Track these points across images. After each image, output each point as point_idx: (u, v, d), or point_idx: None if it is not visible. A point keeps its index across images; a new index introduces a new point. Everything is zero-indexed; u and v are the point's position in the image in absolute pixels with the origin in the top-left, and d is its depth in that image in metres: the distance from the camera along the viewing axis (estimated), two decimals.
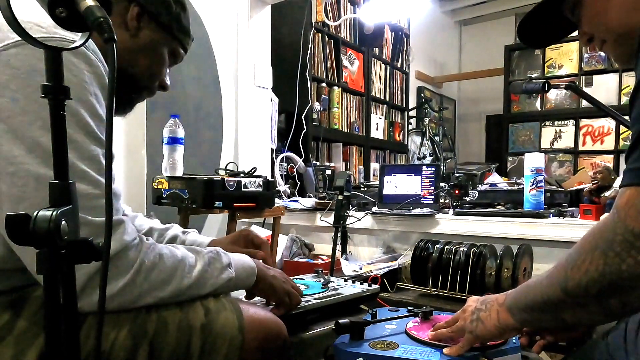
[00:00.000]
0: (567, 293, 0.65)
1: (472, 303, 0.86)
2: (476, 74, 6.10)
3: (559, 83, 2.02)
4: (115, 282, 0.74)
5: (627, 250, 0.57)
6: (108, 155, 0.52)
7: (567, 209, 1.90)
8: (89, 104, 0.73)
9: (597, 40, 0.81)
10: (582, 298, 0.63)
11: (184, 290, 0.83)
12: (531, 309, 0.73)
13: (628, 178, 0.60)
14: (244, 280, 0.95)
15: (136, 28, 0.93)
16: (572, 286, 0.64)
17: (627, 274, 0.58)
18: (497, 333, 0.79)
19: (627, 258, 0.57)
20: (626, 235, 0.58)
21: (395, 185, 2.21)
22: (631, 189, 0.59)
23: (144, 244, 0.79)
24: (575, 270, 0.63)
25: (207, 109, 2.53)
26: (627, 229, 0.58)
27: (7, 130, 0.68)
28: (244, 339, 0.84)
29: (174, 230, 1.18)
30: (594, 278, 0.61)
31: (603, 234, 0.61)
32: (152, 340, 0.79)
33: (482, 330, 0.80)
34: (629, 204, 0.59)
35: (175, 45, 1.00)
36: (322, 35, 3.59)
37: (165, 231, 1.17)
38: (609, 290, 0.60)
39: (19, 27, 0.48)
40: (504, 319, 0.77)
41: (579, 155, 4.94)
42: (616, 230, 0.59)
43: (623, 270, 0.58)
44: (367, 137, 4.19)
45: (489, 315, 0.80)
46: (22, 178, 0.68)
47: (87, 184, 0.72)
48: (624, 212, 0.59)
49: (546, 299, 0.69)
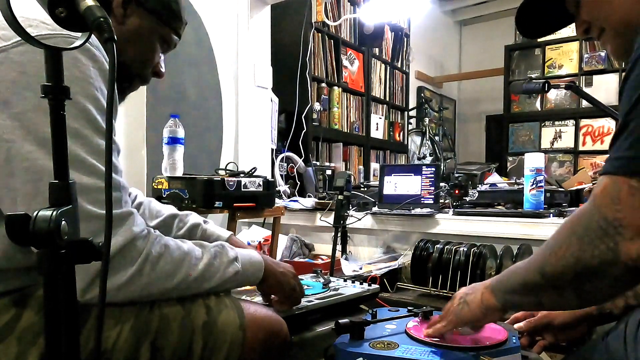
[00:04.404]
0: (545, 277, 0.67)
1: (463, 290, 0.89)
2: (476, 74, 6.10)
3: (559, 83, 2.02)
4: (123, 272, 0.74)
5: (601, 237, 0.59)
6: (108, 153, 0.52)
7: (567, 209, 1.90)
8: (95, 99, 0.74)
9: (595, 29, 0.81)
10: (559, 282, 0.65)
11: (190, 282, 0.82)
12: (512, 291, 0.76)
13: (606, 167, 0.61)
14: (252, 275, 0.94)
15: (122, 15, 0.90)
16: (549, 270, 0.66)
17: (598, 260, 0.59)
18: (481, 314, 0.82)
19: (600, 245, 0.59)
20: (600, 223, 0.59)
21: (395, 185, 2.21)
22: (607, 178, 0.61)
23: (151, 235, 0.79)
24: (552, 256, 0.66)
25: (207, 109, 2.53)
26: (601, 216, 0.60)
27: (19, 127, 0.69)
28: (245, 337, 0.84)
29: (194, 218, 1.15)
30: (569, 263, 0.63)
31: (580, 221, 0.63)
32: (154, 338, 0.79)
33: (466, 312, 0.84)
34: (603, 193, 0.61)
35: (167, 32, 0.97)
36: (322, 35, 3.59)
37: (186, 217, 1.15)
38: (583, 275, 0.62)
39: (18, 26, 0.48)
40: (487, 299, 0.80)
41: (579, 155, 4.93)
42: (592, 217, 0.61)
43: (595, 255, 0.59)
44: (367, 137, 4.19)
45: (474, 297, 0.83)
46: (36, 173, 0.69)
47: (96, 177, 0.72)
48: (599, 199, 0.61)
49: (526, 282, 0.71)
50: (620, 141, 0.60)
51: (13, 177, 0.69)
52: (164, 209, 1.16)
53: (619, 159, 0.60)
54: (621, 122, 0.61)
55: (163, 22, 0.95)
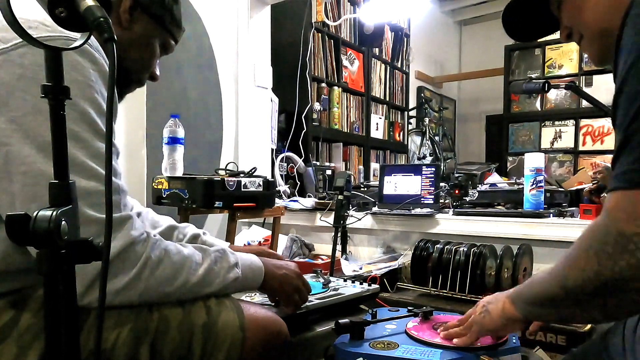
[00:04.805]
0: (566, 290, 0.66)
1: (486, 298, 0.89)
2: (476, 74, 6.10)
3: (559, 83, 2.03)
4: (122, 277, 0.74)
5: (619, 252, 0.59)
6: (108, 156, 0.52)
7: (567, 209, 1.90)
8: (95, 102, 0.74)
9: (576, 34, 0.83)
10: (580, 296, 0.65)
11: (189, 287, 0.83)
12: (533, 303, 0.76)
13: (615, 182, 0.61)
14: (252, 280, 0.95)
15: (129, 21, 0.92)
16: (570, 284, 0.65)
17: (619, 276, 0.59)
18: (501, 324, 0.82)
19: (619, 260, 0.59)
20: (618, 238, 0.59)
21: (395, 185, 2.21)
22: (618, 193, 0.61)
23: (150, 239, 0.79)
24: (572, 269, 0.65)
25: (207, 109, 2.53)
26: (618, 231, 0.59)
27: (17, 130, 0.69)
28: (245, 337, 0.84)
29: (193, 229, 1.18)
30: (589, 277, 0.62)
31: (596, 235, 0.63)
32: (154, 339, 0.79)
33: (488, 321, 0.84)
34: (617, 207, 0.60)
35: (167, 37, 1.00)
36: (322, 35, 3.59)
37: (184, 228, 1.17)
38: (603, 289, 0.61)
39: (18, 27, 0.48)
40: (508, 310, 0.80)
41: (579, 155, 4.93)
42: (608, 232, 0.60)
43: (616, 271, 0.59)
44: (367, 137, 4.19)
45: (495, 307, 0.83)
46: (34, 177, 0.68)
47: (96, 180, 0.72)
48: (614, 214, 0.60)
49: (547, 294, 0.71)
50: (625, 156, 0.60)
51: (11, 180, 0.69)
52: (162, 220, 1.17)
53: (627, 173, 0.59)
54: (622, 137, 0.61)
55: (165, 28, 0.98)
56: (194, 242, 1.13)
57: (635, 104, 0.59)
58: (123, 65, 0.93)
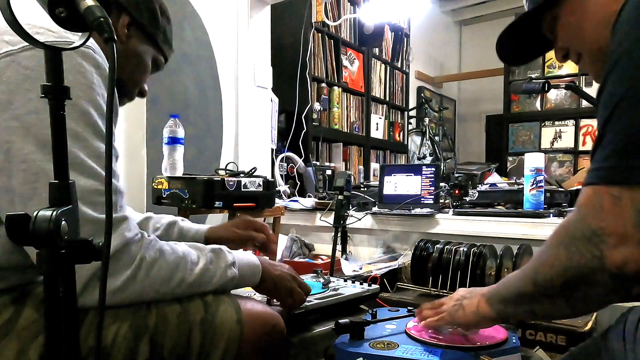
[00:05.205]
0: (537, 286, 0.68)
1: (461, 291, 0.91)
2: (476, 74, 6.09)
3: (559, 83, 2.03)
4: (117, 277, 0.75)
5: (586, 245, 0.61)
6: (108, 156, 0.52)
7: (567, 209, 1.90)
8: (97, 104, 0.76)
9: (573, 55, 0.84)
10: (550, 290, 0.67)
11: (186, 287, 0.83)
12: (506, 301, 0.77)
13: (588, 178, 0.63)
14: (248, 279, 0.95)
15: (125, 36, 0.98)
16: (541, 279, 0.68)
17: (586, 269, 0.61)
18: (474, 321, 0.84)
19: (586, 253, 0.61)
20: (585, 232, 0.61)
21: (395, 185, 2.21)
22: (589, 188, 0.63)
23: (145, 240, 0.79)
24: (542, 264, 0.68)
25: (207, 109, 2.53)
26: (586, 225, 0.61)
27: (19, 127, 0.70)
28: (242, 331, 0.85)
29: (169, 217, 1.19)
30: (558, 272, 0.64)
31: (567, 231, 0.65)
32: (152, 335, 0.80)
33: (460, 315, 0.85)
34: (587, 203, 0.63)
35: (159, 55, 1.06)
36: (322, 35, 3.59)
37: (160, 218, 1.19)
38: (572, 283, 0.64)
39: (19, 28, 0.48)
40: (482, 308, 0.82)
41: (579, 155, 4.94)
42: (577, 226, 0.63)
43: (582, 264, 0.61)
44: (367, 137, 4.19)
45: (470, 303, 0.84)
46: (33, 175, 0.69)
47: (94, 179, 0.73)
48: (584, 209, 0.63)
49: (520, 292, 0.73)
50: (598, 153, 0.63)
51: (11, 177, 0.70)
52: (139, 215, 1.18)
53: (599, 170, 0.62)
54: (598, 134, 0.63)
55: (158, 47, 1.04)
56: (171, 230, 1.15)
57: (610, 105, 0.61)
58: (118, 78, 0.96)
